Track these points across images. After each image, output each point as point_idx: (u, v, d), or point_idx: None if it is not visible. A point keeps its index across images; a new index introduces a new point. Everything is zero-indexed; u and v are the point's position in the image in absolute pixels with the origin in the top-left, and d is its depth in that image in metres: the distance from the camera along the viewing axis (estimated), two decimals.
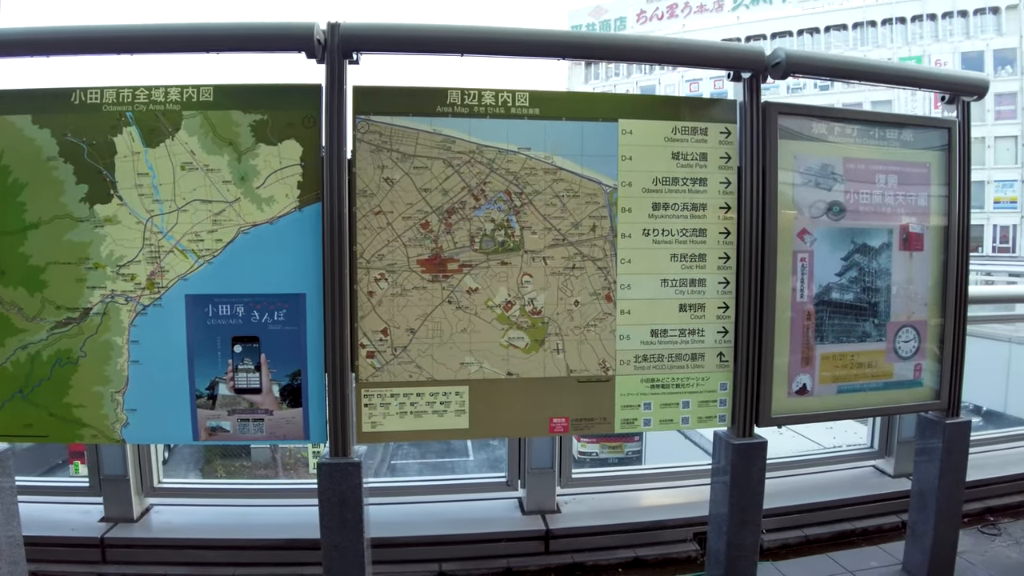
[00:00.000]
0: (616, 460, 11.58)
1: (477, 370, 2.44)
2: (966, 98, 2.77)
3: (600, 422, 2.55)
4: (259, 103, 2.33)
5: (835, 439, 4.57)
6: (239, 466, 11.66)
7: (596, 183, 2.45)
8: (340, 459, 2.37)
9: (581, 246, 2.46)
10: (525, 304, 2.45)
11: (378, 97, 2.35)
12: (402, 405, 2.43)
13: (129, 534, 3.24)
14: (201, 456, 11.53)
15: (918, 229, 2.83)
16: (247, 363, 2.40)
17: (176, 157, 2.31)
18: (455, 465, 11.08)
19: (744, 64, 2.45)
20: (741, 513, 2.63)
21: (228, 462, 11.76)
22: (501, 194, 2.40)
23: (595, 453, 11.99)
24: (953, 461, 2.93)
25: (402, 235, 2.36)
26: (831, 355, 2.76)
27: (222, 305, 2.38)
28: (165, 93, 2.31)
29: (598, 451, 11.87)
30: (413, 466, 12.21)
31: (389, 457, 11.83)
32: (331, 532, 2.41)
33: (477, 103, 2.37)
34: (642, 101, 2.56)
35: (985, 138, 31.88)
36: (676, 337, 2.56)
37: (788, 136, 2.60)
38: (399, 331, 2.39)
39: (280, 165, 2.33)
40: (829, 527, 3.47)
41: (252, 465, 11.89)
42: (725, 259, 2.56)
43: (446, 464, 11.34)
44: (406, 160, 2.35)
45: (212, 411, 2.41)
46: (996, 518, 3.70)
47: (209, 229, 2.34)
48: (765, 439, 2.63)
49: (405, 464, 12.10)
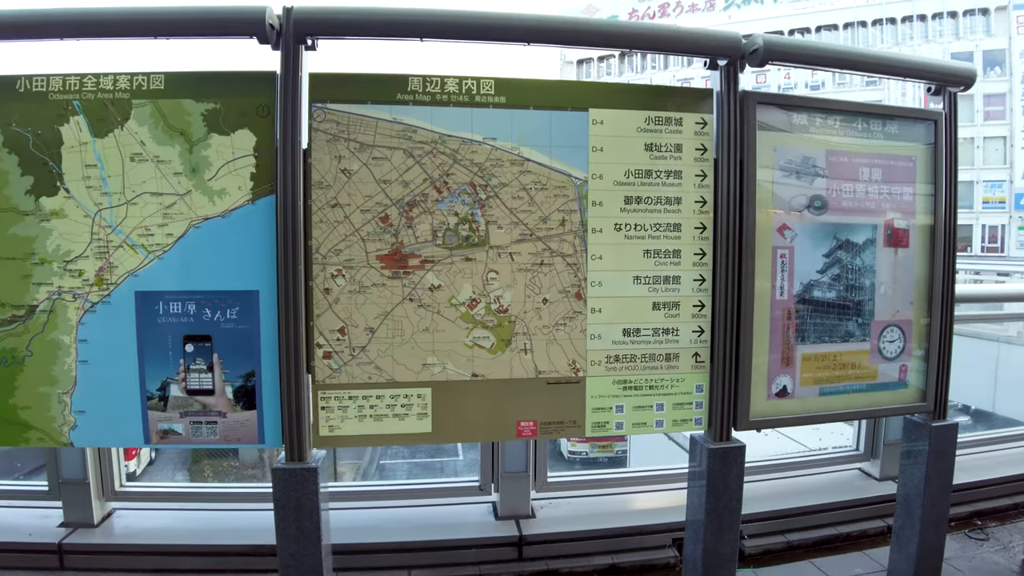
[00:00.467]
0: (606, 460, 11.52)
1: (440, 371, 2.33)
2: (952, 89, 2.67)
3: (570, 425, 2.44)
4: (212, 91, 2.22)
5: (821, 440, 4.48)
6: (227, 466, 11.54)
7: (565, 175, 2.34)
8: (296, 464, 2.26)
9: (550, 241, 2.35)
10: (491, 302, 2.34)
11: (335, 84, 2.24)
12: (361, 408, 2.32)
13: (89, 540, 3.13)
14: (189, 456, 11.42)
15: (903, 225, 2.73)
16: (199, 363, 2.29)
17: (125, 148, 2.20)
18: (444, 465, 10.98)
19: (720, 50, 2.34)
20: (718, 520, 2.52)
21: (216, 462, 11.65)
22: (465, 186, 2.29)
23: (585, 453, 11.93)
24: (939, 465, 2.83)
25: (360, 229, 2.25)
26: (813, 356, 2.65)
27: (173, 302, 2.27)
28: (114, 81, 2.21)
29: (588, 451, 11.81)
30: (402, 466, 12.13)
31: (378, 457, 11.74)
32: (287, 540, 2.31)
33: (440, 91, 2.26)
34: (614, 89, 2.44)
35: (974, 138, 32.25)
36: (649, 336, 2.46)
37: (767, 127, 2.49)
38: (357, 330, 2.28)
39: (233, 156, 2.22)
40: (813, 532, 3.38)
41: (240, 465, 11.78)
42: (701, 255, 2.46)
43: (435, 464, 11.24)
44: (364, 150, 2.24)
45: (164, 413, 2.30)
46: (984, 522, 3.62)
47: (159, 223, 2.23)
48: (743, 443, 2.53)
49: (394, 464, 12.02)
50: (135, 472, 11.63)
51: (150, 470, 12.33)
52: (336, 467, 10.67)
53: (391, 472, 11.74)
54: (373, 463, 11.44)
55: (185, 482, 10.41)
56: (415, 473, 11.64)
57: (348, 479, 10.70)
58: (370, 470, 11.23)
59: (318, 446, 2.33)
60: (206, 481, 10.30)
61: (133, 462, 11.82)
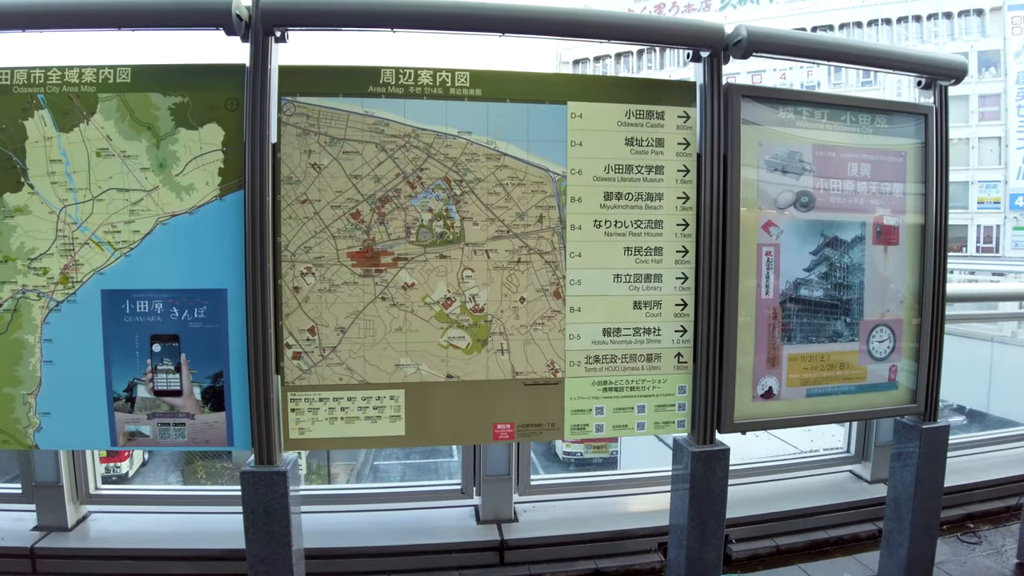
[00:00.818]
0: (600, 460, 11.44)
1: (414, 372, 2.27)
2: (943, 82, 2.60)
3: (549, 428, 2.38)
4: (180, 84, 2.16)
5: (812, 441, 4.41)
6: (220, 467, 11.45)
7: (543, 170, 2.28)
8: (265, 468, 2.20)
9: (527, 238, 2.28)
10: (466, 301, 2.27)
11: (305, 77, 2.18)
12: (332, 410, 2.25)
13: (62, 544, 3.06)
14: (182, 457, 11.33)
15: (893, 222, 2.66)
16: (167, 363, 2.24)
17: (91, 143, 2.15)
18: (439, 467, 10.88)
19: (702, 41, 2.27)
20: (702, 526, 2.46)
21: (209, 463, 11.54)
22: (439, 181, 2.22)
23: (579, 453, 11.85)
24: (930, 468, 2.77)
25: (330, 226, 2.19)
26: (800, 356, 2.59)
27: (140, 301, 2.22)
28: (80, 74, 2.16)
29: (582, 451, 11.73)
30: (396, 467, 12.04)
31: (372, 459, 11.65)
32: (256, 545, 2.24)
33: (413, 83, 2.19)
34: (593, 82, 2.39)
35: (969, 139, 32.29)
36: (630, 336, 2.39)
37: (752, 121, 2.43)
38: (328, 330, 2.22)
39: (201, 151, 2.17)
40: (802, 536, 3.31)
41: (233, 467, 11.68)
42: (683, 253, 2.39)
43: (430, 465, 11.13)
44: (335, 144, 2.17)
45: (131, 414, 2.25)
46: (976, 525, 3.55)
47: (126, 220, 2.18)
48: (727, 446, 2.46)
49: (388, 465, 11.93)
50: (127, 473, 11.57)
51: (143, 471, 12.24)
52: (330, 468, 10.59)
53: (385, 472, 11.65)
54: (367, 464, 11.34)
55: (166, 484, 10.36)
56: (409, 474, 11.54)
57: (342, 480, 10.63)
58: (364, 470, 11.13)
59: (288, 449, 2.27)
60: (199, 483, 10.21)
61: (126, 463, 11.75)
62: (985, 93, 32.30)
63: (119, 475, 10.75)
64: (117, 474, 10.75)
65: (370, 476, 10.86)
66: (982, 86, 32.04)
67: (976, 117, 32.38)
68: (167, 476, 11.50)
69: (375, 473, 11.27)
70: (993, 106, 32.48)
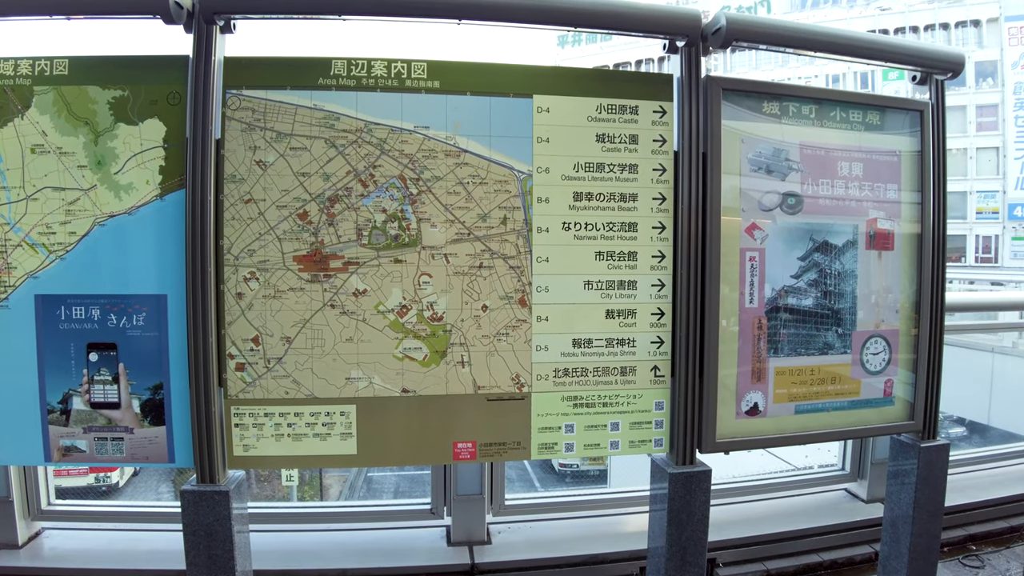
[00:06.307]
0: (597, 472, 11.22)
1: (366, 386, 2.11)
2: (939, 76, 2.44)
3: (514, 447, 2.21)
4: (120, 77, 2.05)
5: (807, 457, 4.22)
6: None
7: (507, 168, 2.12)
8: (207, 487, 2.04)
9: (490, 241, 2.13)
10: (423, 309, 2.11)
11: (251, 69, 2.04)
12: (278, 426, 2.09)
13: (12, 562, 2.89)
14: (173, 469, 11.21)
15: (887, 225, 2.50)
16: (104, 373, 2.10)
17: (26, 138, 2.04)
18: None
19: (678, 30, 2.12)
20: (682, 553, 2.28)
21: None
22: (394, 180, 2.07)
23: (575, 465, 11.62)
24: (929, 489, 2.58)
25: (276, 227, 2.04)
26: (787, 369, 2.42)
27: (76, 307, 2.09)
28: (14, 66, 2.05)
29: (579, 463, 11.49)
30: (390, 479, 11.86)
31: (366, 470, 11.48)
32: (197, 568, 2.09)
33: (366, 74, 2.05)
34: (561, 74, 2.22)
35: (967, 149, 32.41)
36: (602, 348, 2.22)
37: (734, 116, 2.27)
38: (273, 340, 2.06)
39: (141, 147, 2.05)
40: (794, 559, 3.12)
41: None
42: (660, 258, 2.23)
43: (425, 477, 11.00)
44: (281, 140, 2.03)
45: (66, 428, 2.11)
46: (979, 547, 3.35)
47: (62, 220, 2.05)
48: (708, 467, 2.28)
49: (383, 476, 11.76)
50: (118, 483, 11.41)
51: (134, 481, 12.10)
52: (322, 480, 10.41)
53: (379, 484, 11.45)
54: (361, 475, 11.18)
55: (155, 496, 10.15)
56: (403, 488, 11.34)
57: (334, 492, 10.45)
58: (358, 482, 10.96)
59: (232, 467, 2.11)
60: None
61: (116, 473, 11.59)
62: (983, 103, 32.50)
63: (109, 485, 10.61)
64: (107, 484, 10.61)
65: (363, 487, 10.69)
66: (980, 96, 32.30)
67: (974, 127, 32.56)
68: (158, 486, 11.36)
69: (369, 484, 11.10)
70: (990, 116, 32.65)
